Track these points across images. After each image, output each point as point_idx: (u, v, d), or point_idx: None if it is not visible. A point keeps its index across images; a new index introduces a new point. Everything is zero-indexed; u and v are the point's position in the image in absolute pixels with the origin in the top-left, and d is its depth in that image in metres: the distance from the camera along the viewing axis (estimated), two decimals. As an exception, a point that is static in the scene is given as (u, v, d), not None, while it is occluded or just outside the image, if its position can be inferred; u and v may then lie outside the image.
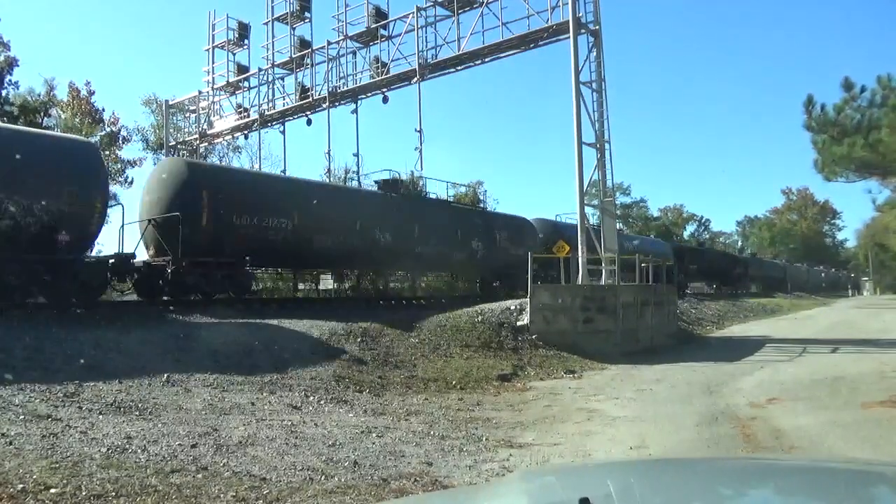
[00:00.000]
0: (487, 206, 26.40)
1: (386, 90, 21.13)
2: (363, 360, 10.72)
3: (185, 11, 76.89)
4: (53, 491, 4.19)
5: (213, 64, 25.01)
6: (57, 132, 20.69)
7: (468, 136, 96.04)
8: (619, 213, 41.39)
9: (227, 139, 27.87)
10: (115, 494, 4.23)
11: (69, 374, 7.69)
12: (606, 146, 16.26)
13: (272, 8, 23.18)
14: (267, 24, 23.39)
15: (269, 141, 58.35)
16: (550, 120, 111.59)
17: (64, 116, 28.79)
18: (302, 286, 23.27)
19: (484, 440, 6.52)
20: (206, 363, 9.06)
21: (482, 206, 25.94)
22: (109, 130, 30.73)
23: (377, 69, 20.72)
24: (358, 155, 23.17)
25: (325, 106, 22.17)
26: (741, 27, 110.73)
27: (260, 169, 24.32)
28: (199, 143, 26.73)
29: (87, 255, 12.93)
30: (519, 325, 14.10)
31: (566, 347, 13.51)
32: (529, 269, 14.49)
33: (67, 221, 11.37)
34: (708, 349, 16.00)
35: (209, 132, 26.10)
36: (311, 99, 22.41)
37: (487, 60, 19.18)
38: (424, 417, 7.59)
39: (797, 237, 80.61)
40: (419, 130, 19.48)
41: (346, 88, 21.66)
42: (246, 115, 24.67)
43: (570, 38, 15.82)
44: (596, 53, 16.20)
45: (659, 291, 17.38)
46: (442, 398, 9.00)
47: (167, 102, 28.01)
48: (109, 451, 5.13)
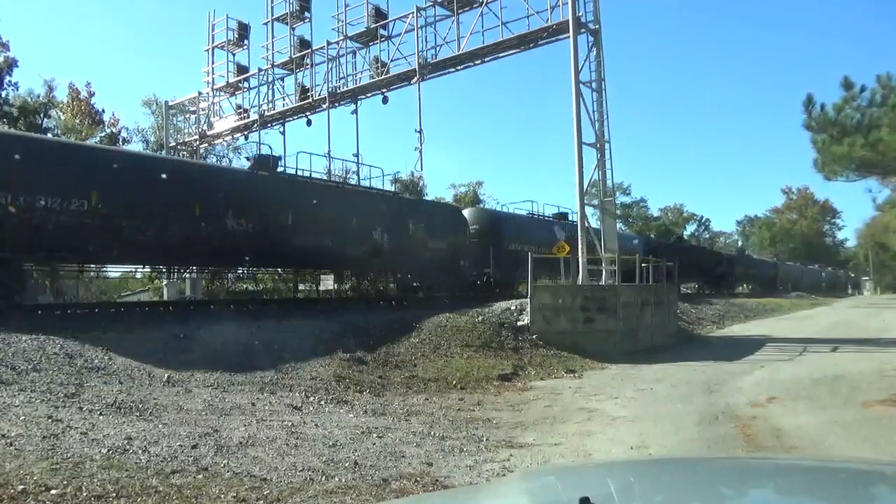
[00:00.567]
0: (487, 205, 26.10)
1: (386, 90, 21.12)
2: (363, 360, 10.72)
3: (184, 12, 76.90)
4: (54, 492, 4.19)
5: (212, 64, 25.00)
6: None
7: (468, 136, 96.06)
8: (619, 212, 41.30)
9: (227, 140, 27.87)
10: (115, 495, 4.23)
11: (70, 374, 7.70)
12: (606, 146, 16.26)
13: (272, 8, 23.16)
14: (267, 24, 23.38)
15: (269, 142, 58.42)
16: (550, 120, 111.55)
17: (64, 118, 28.82)
18: (302, 286, 23.29)
19: (484, 440, 6.52)
20: (206, 363, 9.06)
21: (396, 191, 23.04)
22: (110, 131, 30.76)
23: (377, 69, 20.71)
24: (358, 155, 23.15)
25: (324, 106, 22.15)
26: (741, 27, 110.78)
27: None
28: (199, 143, 26.72)
29: None
30: (519, 324, 14.11)
31: (566, 347, 13.51)
32: (530, 269, 14.49)
33: None
34: (708, 349, 16.00)
35: (209, 133, 26.08)
36: (310, 99, 22.39)
37: (487, 60, 19.17)
38: (425, 418, 7.59)
39: (797, 237, 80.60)
40: (419, 131, 19.45)
41: (345, 89, 21.64)
42: (246, 115, 24.65)
43: (569, 37, 15.81)
44: (596, 53, 16.21)
45: (659, 291, 17.38)
46: (442, 398, 9.00)
47: (167, 103, 28.01)
48: (110, 451, 5.13)
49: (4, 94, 24.78)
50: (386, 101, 21.22)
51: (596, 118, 16.16)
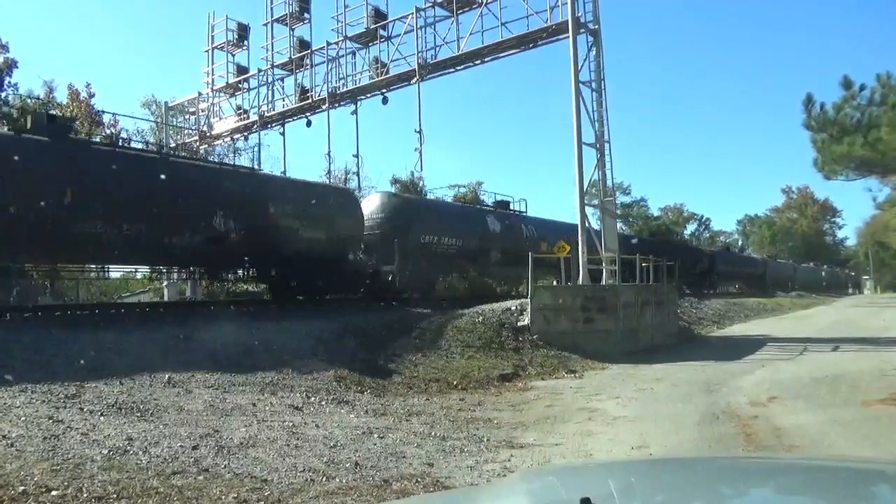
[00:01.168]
0: (487, 206, 25.61)
1: (386, 91, 21.14)
2: (364, 360, 10.72)
3: (184, 13, 76.97)
4: (55, 493, 4.20)
5: (212, 65, 25.04)
6: None
7: (468, 136, 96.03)
8: (619, 212, 41.15)
9: (226, 140, 27.88)
10: (116, 496, 4.24)
11: (70, 375, 7.70)
12: (606, 146, 16.26)
13: (271, 9, 23.20)
14: (266, 25, 23.42)
15: (269, 142, 58.50)
16: (550, 120, 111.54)
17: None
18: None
19: (485, 441, 6.52)
20: (206, 364, 9.06)
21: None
22: (109, 132, 30.75)
23: (377, 70, 20.73)
24: (358, 156, 23.19)
25: (324, 107, 22.18)
26: (741, 27, 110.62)
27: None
28: (199, 144, 26.74)
29: None
30: (520, 325, 14.10)
31: (567, 347, 13.51)
32: (530, 269, 14.48)
33: None
34: (708, 348, 16.00)
35: (209, 134, 26.11)
36: (310, 100, 22.42)
37: (487, 60, 19.19)
38: (425, 418, 7.59)
39: (797, 236, 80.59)
40: (419, 131, 19.51)
41: (345, 89, 21.66)
42: (246, 116, 24.68)
43: (569, 37, 15.81)
44: (595, 53, 16.21)
45: (659, 291, 17.39)
46: (443, 399, 9.00)
47: (167, 104, 28.05)
48: (110, 452, 5.13)
49: (4, 95, 24.77)
50: (386, 101, 21.27)
51: (596, 118, 16.16)
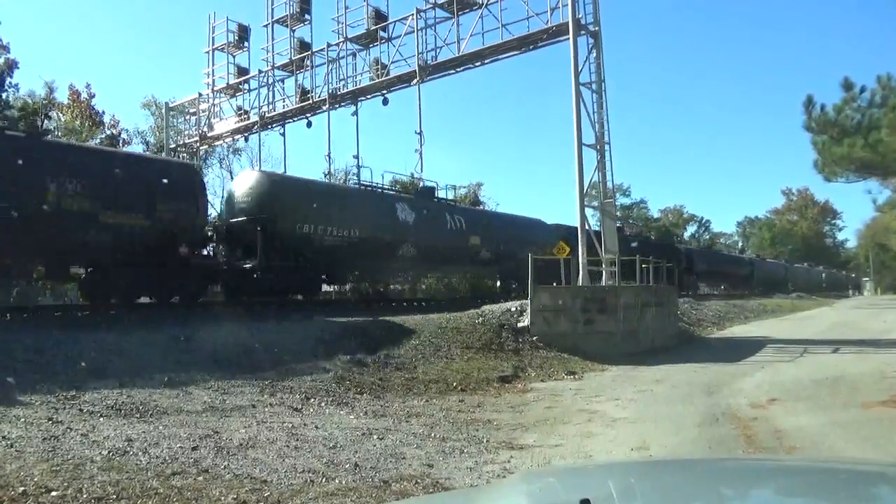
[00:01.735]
0: (487, 207, 25.47)
1: (386, 92, 21.15)
2: (363, 361, 10.71)
3: (184, 14, 77.00)
4: (54, 494, 4.20)
5: (213, 66, 25.06)
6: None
7: (468, 137, 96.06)
8: (619, 214, 41.10)
9: (227, 141, 27.91)
10: (115, 497, 4.23)
11: (70, 376, 7.70)
12: (606, 147, 16.27)
13: (272, 10, 23.21)
14: (267, 26, 23.43)
15: (269, 143, 58.40)
16: (550, 121, 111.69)
17: (64, 119, 28.84)
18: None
19: (485, 442, 6.51)
20: (206, 365, 9.06)
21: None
22: (110, 133, 30.78)
23: (377, 71, 20.74)
24: (358, 157, 23.16)
25: (325, 108, 22.19)
26: (741, 28, 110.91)
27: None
28: (199, 145, 26.76)
29: None
30: (519, 326, 14.09)
31: (567, 349, 13.50)
32: (530, 269, 14.47)
33: None
34: (709, 350, 15.99)
35: (209, 134, 26.12)
36: (311, 101, 22.43)
37: (487, 62, 19.20)
38: (425, 419, 7.58)
39: (797, 238, 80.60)
40: (419, 132, 19.51)
41: (346, 90, 21.67)
42: (246, 117, 24.69)
43: (569, 39, 15.83)
44: (596, 54, 16.22)
45: (660, 292, 17.38)
46: (443, 400, 8.99)
47: (167, 105, 28.05)
48: (110, 453, 5.13)
49: (5, 95, 24.80)
50: (386, 102, 21.27)
51: (596, 119, 16.17)
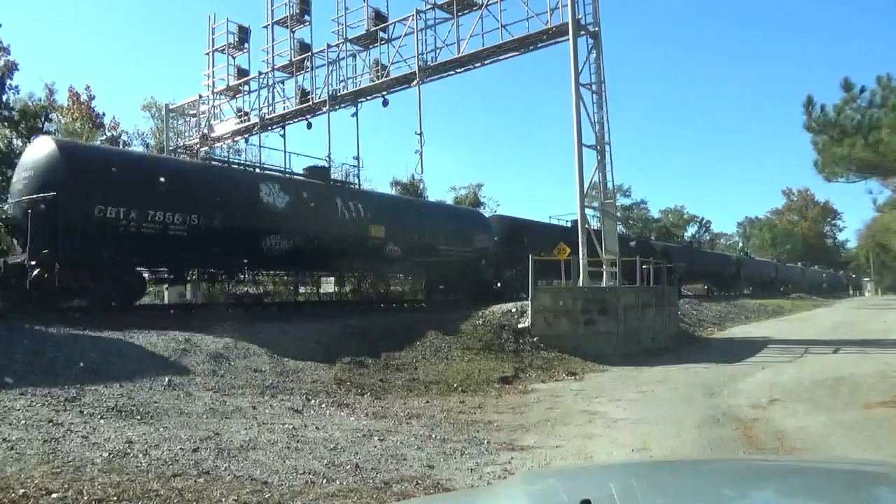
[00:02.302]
0: (487, 207, 25.35)
1: (386, 93, 21.14)
2: (364, 363, 10.71)
3: (184, 16, 77.16)
4: (55, 496, 4.19)
5: (213, 68, 25.05)
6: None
7: (468, 138, 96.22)
8: (619, 214, 41.10)
9: (227, 143, 27.90)
10: (116, 499, 4.23)
11: (70, 377, 7.69)
12: (606, 148, 16.26)
13: (272, 11, 23.19)
14: (267, 27, 23.41)
15: (269, 144, 58.41)
16: (551, 122, 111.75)
17: (64, 121, 28.86)
18: (303, 290, 23.25)
19: (485, 443, 6.51)
20: (206, 366, 9.05)
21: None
22: (110, 135, 30.80)
23: (377, 72, 20.73)
24: (358, 158, 23.17)
25: (325, 109, 22.17)
26: (741, 27, 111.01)
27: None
28: (199, 146, 26.75)
29: None
30: (520, 327, 14.09)
31: (567, 349, 13.49)
32: (531, 270, 14.47)
33: None
34: (709, 350, 15.99)
35: (210, 136, 26.12)
36: (311, 102, 22.42)
37: (487, 63, 19.18)
38: (426, 420, 7.58)
39: (798, 238, 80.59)
40: (419, 133, 19.46)
41: (346, 91, 21.66)
42: (246, 118, 24.69)
43: (569, 39, 15.82)
44: (595, 55, 16.22)
45: (660, 293, 17.37)
46: (443, 401, 8.99)
47: (167, 106, 28.05)
48: (111, 455, 5.13)
49: (5, 97, 24.81)
50: (386, 103, 21.25)
51: (596, 120, 16.17)
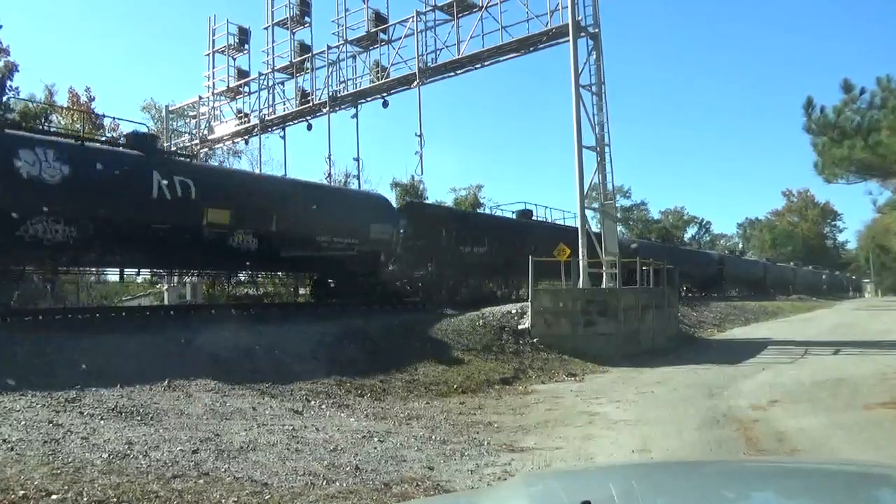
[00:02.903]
0: (487, 208, 25.48)
1: (386, 94, 21.16)
2: (364, 363, 10.71)
3: (184, 17, 77.14)
4: (55, 497, 4.19)
5: (213, 69, 25.07)
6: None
7: (469, 139, 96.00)
8: (619, 215, 41.12)
9: (227, 144, 27.93)
10: (116, 500, 4.23)
11: (70, 379, 7.69)
12: (606, 149, 16.27)
13: (272, 13, 23.22)
14: (267, 28, 23.44)
15: (269, 146, 58.48)
16: (551, 123, 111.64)
17: (64, 122, 28.86)
18: (303, 290, 23.26)
19: (486, 444, 6.51)
20: (207, 367, 9.05)
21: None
22: (110, 136, 30.79)
23: (377, 73, 20.75)
24: (358, 159, 23.17)
25: (325, 110, 22.19)
26: (741, 28, 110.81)
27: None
28: (199, 148, 26.76)
29: None
30: (520, 328, 14.09)
31: (567, 350, 13.50)
32: (531, 271, 14.47)
33: None
34: (709, 351, 15.98)
35: (210, 137, 26.14)
36: (311, 103, 22.44)
37: (487, 64, 19.21)
38: (426, 422, 7.58)
39: (798, 239, 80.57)
40: (419, 135, 19.47)
41: (346, 93, 21.69)
42: (246, 120, 24.71)
43: (569, 41, 15.84)
44: (595, 56, 16.23)
45: (660, 294, 17.38)
46: (443, 402, 8.99)
47: (167, 107, 28.08)
48: (111, 456, 5.13)
49: (6, 98, 24.83)
50: (386, 104, 21.29)
51: (596, 121, 16.18)
